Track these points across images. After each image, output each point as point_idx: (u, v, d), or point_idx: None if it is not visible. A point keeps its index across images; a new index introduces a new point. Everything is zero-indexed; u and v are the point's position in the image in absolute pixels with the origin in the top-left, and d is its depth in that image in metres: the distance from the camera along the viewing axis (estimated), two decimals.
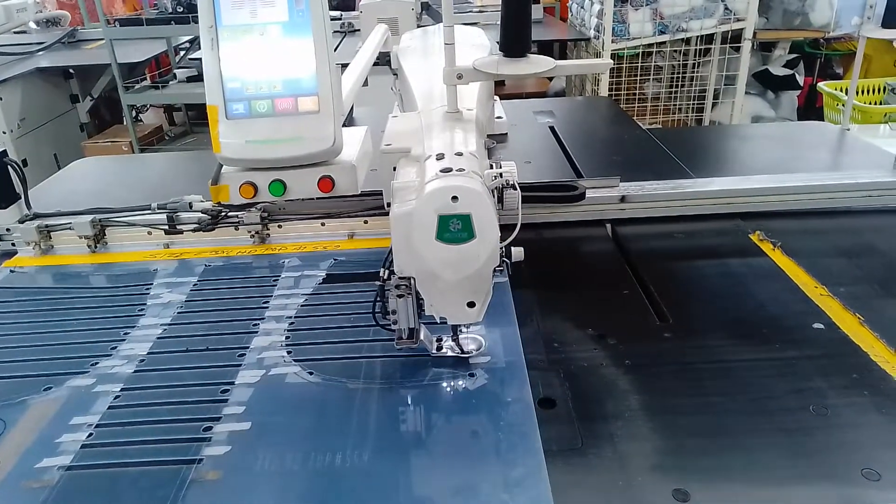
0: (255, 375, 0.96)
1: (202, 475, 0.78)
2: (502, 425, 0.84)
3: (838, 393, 0.89)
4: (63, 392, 0.95)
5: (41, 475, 0.80)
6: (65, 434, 0.86)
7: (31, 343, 1.07)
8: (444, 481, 0.77)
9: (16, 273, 1.30)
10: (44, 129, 3.86)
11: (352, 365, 0.97)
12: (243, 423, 0.86)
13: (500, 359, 0.97)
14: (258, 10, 0.78)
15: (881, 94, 3.76)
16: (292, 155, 0.80)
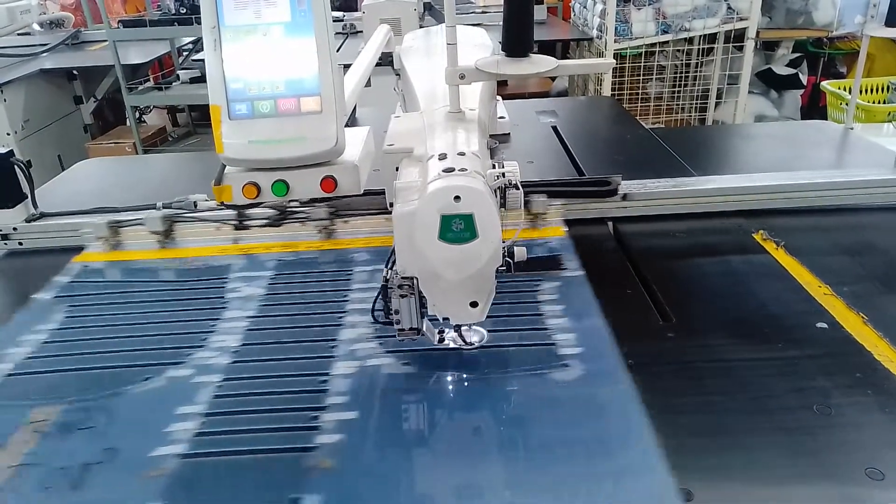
0: (350, 366, 0.97)
1: (320, 463, 0.80)
2: (607, 413, 0.86)
3: (842, 392, 0.89)
4: (162, 382, 0.96)
5: (158, 464, 0.81)
6: (173, 423, 0.87)
7: (122, 335, 1.08)
8: (566, 468, 0.77)
9: (89, 268, 1.32)
10: (47, 130, 3.88)
11: (445, 356, 0.98)
12: (350, 412, 0.88)
13: (590, 349, 0.98)
14: (261, 10, 0.78)
15: (885, 93, 3.75)
16: (295, 155, 0.80)
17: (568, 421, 0.85)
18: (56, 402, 0.93)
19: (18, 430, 0.88)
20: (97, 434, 0.86)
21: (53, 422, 0.89)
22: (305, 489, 0.76)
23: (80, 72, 4.15)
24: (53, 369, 1.01)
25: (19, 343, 1.07)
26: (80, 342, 1.07)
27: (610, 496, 0.74)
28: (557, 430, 0.84)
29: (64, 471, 0.80)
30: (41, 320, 1.14)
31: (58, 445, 0.85)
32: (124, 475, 0.80)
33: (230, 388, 0.94)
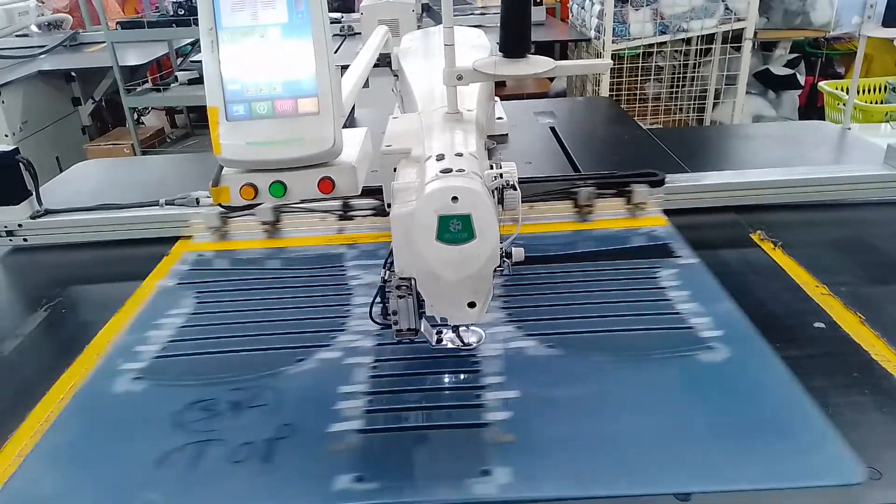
0: (495, 349, 1.00)
1: (498, 437, 0.83)
2: (767, 392, 0.88)
3: (839, 392, 0.89)
4: (315, 364, 0.99)
5: (339, 438, 0.84)
6: (339, 402, 0.91)
7: (257, 319, 1.12)
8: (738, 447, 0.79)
9: (203, 257, 1.35)
10: (46, 132, 3.87)
11: (583, 340, 1.02)
12: (510, 391, 0.91)
13: (730, 331, 1.01)
14: (258, 12, 0.78)
15: (882, 94, 3.76)
16: (292, 156, 0.80)
17: (732, 401, 0.87)
18: (216, 383, 0.96)
19: (190, 408, 0.91)
20: (270, 412, 0.90)
21: (221, 400, 0.92)
22: (493, 462, 0.79)
23: (79, 73, 4.15)
24: (201, 352, 1.04)
25: (158, 326, 1.11)
26: (218, 326, 1.11)
27: (798, 473, 0.76)
28: (724, 410, 0.86)
29: (249, 446, 0.83)
30: (172, 305, 1.17)
31: (232, 423, 0.88)
32: (309, 449, 0.83)
33: (383, 368, 0.98)
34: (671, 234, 1.32)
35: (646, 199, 1.41)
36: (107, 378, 0.99)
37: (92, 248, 1.46)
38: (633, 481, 0.76)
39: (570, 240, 1.34)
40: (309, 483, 0.78)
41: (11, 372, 1.07)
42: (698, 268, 1.20)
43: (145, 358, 1.03)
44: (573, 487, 0.76)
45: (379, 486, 0.77)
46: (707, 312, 1.06)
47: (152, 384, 0.97)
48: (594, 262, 1.24)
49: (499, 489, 0.76)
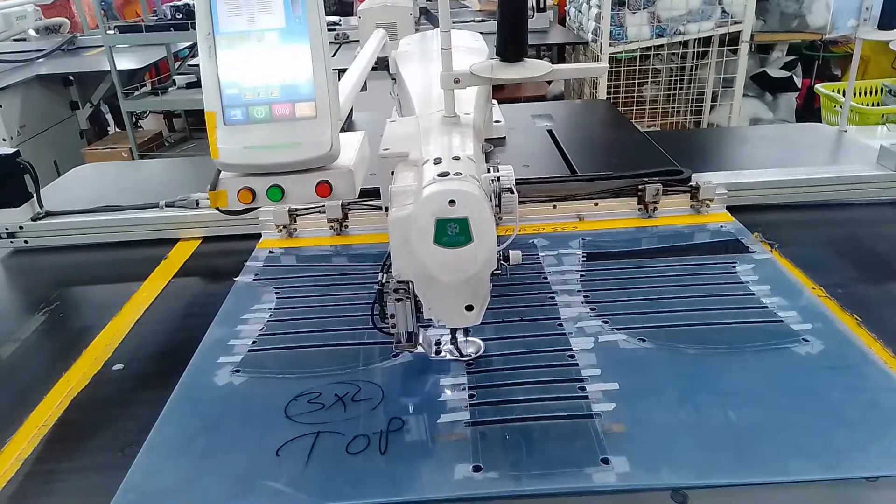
0: (587, 342, 1.02)
1: (610, 428, 0.84)
2: (868, 383, 0.90)
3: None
4: (409, 357, 1.01)
5: (449, 430, 0.86)
6: (444, 394, 0.93)
7: (340, 314, 1.14)
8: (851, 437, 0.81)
9: (275, 253, 1.38)
10: (44, 135, 3.87)
11: (672, 332, 1.03)
12: (610, 383, 0.92)
13: (819, 325, 1.02)
14: (255, 16, 0.78)
15: (878, 96, 3.77)
16: (290, 160, 0.80)
17: (837, 390, 0.89)
18: (316, 376, 0.98)
19: (296, 401, 0.93)
20: (376, 405, 0.92)
21: (326, 393, 0.94)
22: (610, 451, 0.80)
23: (76, 77, 4.15)
24: (294, 346, 1.07)
25: (245, 321, 1.13)
26: (303, 321, 1.13)
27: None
28: (829, 399, 0.87)
29: (363, 438, 0.85)
30: (254, 300, 1.20)
31: (341, 415, 0.90)
32: (422, 441, 0.85)
33: (479, 364, 0.99)
34: (740, 230, 1.35)
35: (712, 195, 1.42)
36: (206, 371, 1.01)
37: (92, 250, 1.47)
38: (754, 469, 0.77)
39: (637, 236, 1.36)
40: (429, 473, 0.80)
41: (12, 372, 1.07)
42: (773, 263, 1.22)
43: (240, 351, 1.05)
44: (693, 476, 0.77)
45: (498, 475, 0.78)
46: (792, 306, 1.08)
47: (252, 377, 0.99)
48: (667, 258, 1.26)
49: (618, 477, 0.77)
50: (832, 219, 1.43)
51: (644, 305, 1.11)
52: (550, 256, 1.29)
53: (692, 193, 1.44)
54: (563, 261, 1.27)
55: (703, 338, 1.02)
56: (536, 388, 0.93)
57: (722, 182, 1.46)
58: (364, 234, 1.43)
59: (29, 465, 0.86)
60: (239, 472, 0.81)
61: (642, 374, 0.95)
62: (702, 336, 1.02)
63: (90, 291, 1.36)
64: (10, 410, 0.97)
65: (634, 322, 1.06)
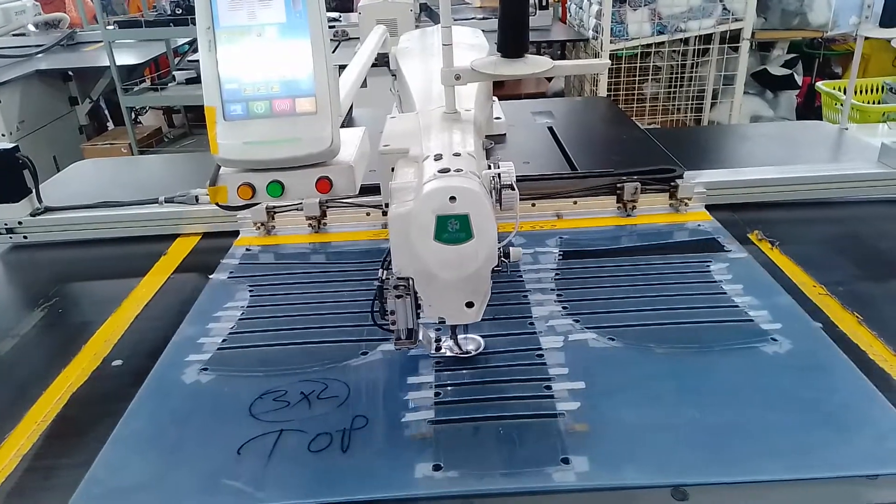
0: (556, 341, 1.02)
1: (572, 427, 0.84)
2: (836, 383, 0.89)
3: None
4: (379, 356, 1.01)
5: (413, 429, 0.86)
6: (410, 392, 0.92)
7: (313, 312, 1.13)
8: (819, 436, 0.81)
9: (252, 251, 1.37)
10: (43, 131, 3.86)
11: (643, 332, 1.03)
12: (576, 382, 0.92)
13: (789, 324, 1.02)
14: (256, 11, 0.78)
15: (879, 94, 3.76)
16: (290, 156, 0.80)
17: (805, 390, 0.89)
18: (283, 374, 0.98)
19: (261, 399, 0.93)
20: (342, 403, 0.91)
21: (292, 392, 0.94)
22: (571, 450, 0.80)
23: (76, 73, 4.14)
24: (264, 344, 1.06)
25: (217, 319, 1.13)
26: (276, 319, 1.13)
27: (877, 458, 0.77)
28: (795, 399, 0.87)
29: (326, 436, 0.85)
30: (228, 298, 1.19)
31: (306, 413, 0.90)
32: (385, 439, 0.84)
33: (448, 361, 0.99)
34: (717, 229, 1.34)
35: (691, 194, 1.42)
36: (175, 369, 1.01)
37: (91, 246, 1.46)
38: (720, 469, 0.77)
39: (616, 234, 1.36)
40: (390, 472, 0.79)
41: (11, 369, 1.07)
42: (749, 262, 1.22)
43: (209, 349, 1.05)
44: (655, 475, 0.77)
45: (458, 474, 0.78)
46: (763, 305, 1.07)
47: (219, 375, 0.99)
48: (643, 257, 1.26)
49: (577, 477, 0.77)
50: (833, 216, 1.43)
51: (616, 304, 1.11)
52: (527, 255, 1.28)
53: (671, 192, 1.43)
54: (539, 259, 1.27)
55: (672, 337, 1.01)
56: (503, 387, 0.93)
57: (722, 179, 1.46)
58: (342, 232, 1.43)
59: (28, 461, 0.86)
60: (201, 469, 0.81)
61: (609, 373, 0.94)
62: (671, 335, 1.02)
63: (89, 287, 1.36)
64: (9, 406, 0.97)
65: (605, 321, 1.06)
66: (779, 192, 1.45)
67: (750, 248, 1.29)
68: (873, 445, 0.79)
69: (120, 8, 5.63)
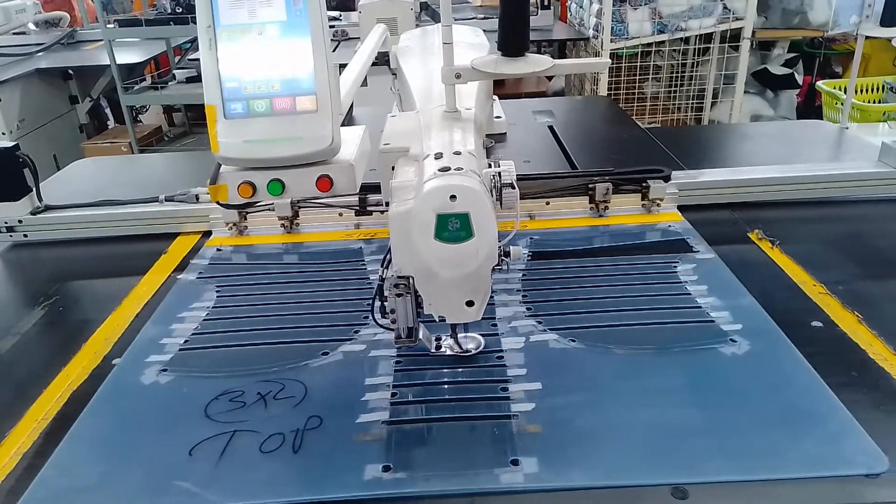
0: (517, 342, 1.02)
1: (525, 428, 0.84)
2: (790, 384, 0.90)
3: (837, 390, 0.89)
4: (340, 356, 1.01)
5: (366, 429, 0.85)
6: (367, 393, 0.92)
7: (279, 312, 1.13)
8: (768, 438, 0.80)
9: (223, 251, 1.37)
10: (43, 129, 3.86)
11: (605, 333, 1.03)
12: (533, 383, 0.92)
13: (749, 325, 1.02)
14: (256, 9, 0.78)
15: (880, 93, 3.76)
16: (290, 154, 0.80)
17: (756, 393, 0.89)
18: (242, 375, 0.97)
19: (217, 400, 0.92)
20: (298, 403, 0.91)
21: (249, 392, 0.93)
22: (521, 452, 0.80)
23: (76, 71, 4.14)
24: (225, 344, 1.06)
25: (181, 319, 1.12)
26: (240, 319, 1.12)
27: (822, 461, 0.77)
28: (748, 401, 0.87)
29: (279, 437, 0.84)
30: (194, 298, 1.19)
31: (261, 414, 0.89)
32: (337, 440, 0.84)
33: (408, 362, 0.98)
34: (687, 230, 1.34)
35: (662, 195, 1.41)
36: (134, 370, 1.00)
37: (91, 244, 1.46)
38: (665, 471, 0.77)
39: (587, 235, 1.36)
40: (339, 473, 0.79)
41: (11, 367, 1.07)
42: (715, 263, 1.22)
43: (170, 350, 1.04)
44: (602, 477, 0.77)
45: (407, 475, 0.78)
46: (726, 306, 1.07)
47: (178, 375, 0.99)
48: (613, 258, 1.25)
49: (526, 478, 0.77)
50: (833, 216, 1.42)
51: (580, 305, 1.10)
52: None
53: (643, 193, 1.42)
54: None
55: (633, 338, 1.01)
56: (460, 389, 0.92)
57: (722, 179, 1.46)
58: (314, 233, 1.42)
59: (28, 459, 0.86)
60: (153, 471, 0.81)
61: (567, 375, 0.94)
62: (633, 336, 1.02)
63: (90, 285, 1.36)
64: (9, 404, 0.97)
65: (568, 322, 1.05)
66: (779, 192, 1.45)
67: (750, 248, 1.29)
68: (820, 447, 0.79)
69: (120, 6, 5.63)
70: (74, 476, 0.81)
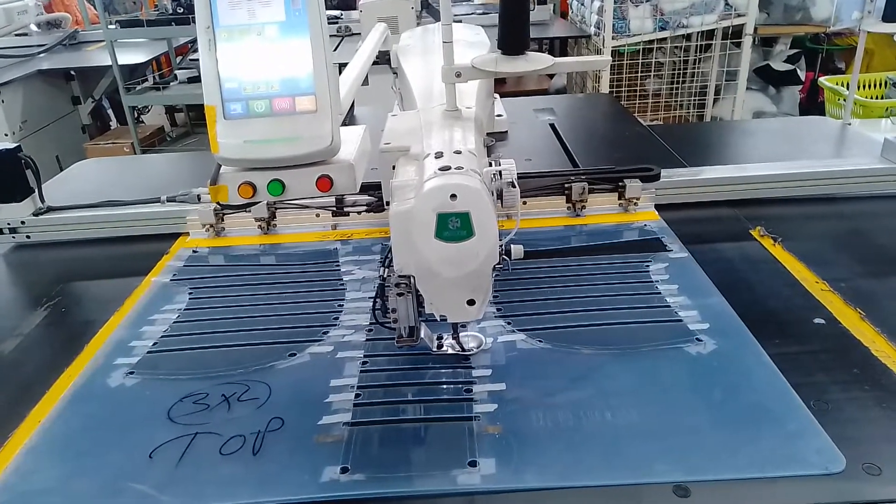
0: (485, 343, 1.01)
1: (485, 429, 0.84)
2: (752, 383, 0.90)
3: (839, 388, 0.89)
4: (307, 358, 1.01)
5: (328, 431, 0.85)
6: (331, 395, 0.92)
7: (250, 314, 1.13)
8: (724, 438, 0.80)
9: (198, 253, 1.37)
10: (45, 131, 3.87)
11: (574, 333, 1.03)
12: (497, 384, 0.92)
13: (717, 325, 1.02)
14: (255, 10, 0.78)
15: (883, 89, 3.75)
16: (290, 154, 0.80)
17: (718, 392, 0.89)
18: (208, 377, 0.97)
19: (181, 402, 0.92)
20: (261, 405, 0.91)
21: (213, 394, 0.93)
22: (480, 453, 0.80)
23: (78, 72, 4.15)
24: (193, 347, 1.05)
25: (152, 322, 1.12)
26: (210, 321, 1.12)
27: (784, 460, 0.77)
28: (710, 401, 0.87)
29: (239, 438, 0.85)
30: (166, 301, 1.19)
31: (223, 416, 0.89)
32: (298, 442, 0.84)
33: (374, 363, 0.99)
34: (662, 229, 1.34)
35: (638, 194, 1.40)
36: (102, 373, 1.00)
37: (94, 245, 1.47)
38: (619, 472, 0.77)
39: (562, 235, 1.35)
40: (296, 475, 0.79)
41: (14, 368, 1.07)
42: (688, 262, 1.21)
43: (139, 353, 1.04)
44: (556, 478, 0.76)
45: (365, 477, 0.78)
46: (695, 306, 1.07)
47: (145, 378, 0.98)
48: (586, 257, 1.25)
49: (482, 479, 0.77)
50: (835, 212, 1.42)
51: (551, 305, 1.10)
52: None
53: (619, 192, 1.41)
54: None
55: (600, 338, 1.01)
56: (424, 390, 0.92)
57: (724, 176, 1.45)
58: (291, 234, 1.42)
59: None
60: (113, 473, 0.80)
61: (532, 375, 0.94)
62: (600, 336, 1.01)
63: (92, 286, 1.36)
64: (11, 406, 0.97)
65: (537, 322, 1.05)
66: (781, 189, 1.45)
67: (752, 245, 1.29)
68: (779, 446, 0.79)
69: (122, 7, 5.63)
70: (35, 480, 0.81)
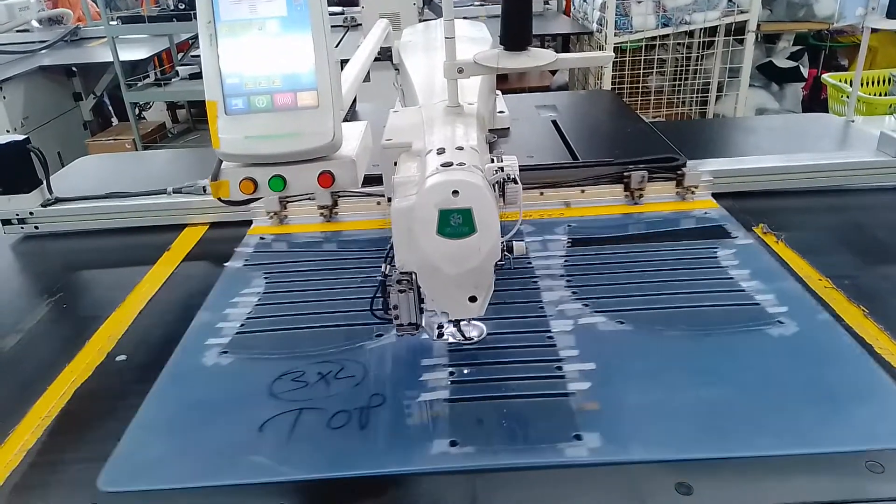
0: (566, 325, 1.03)
1: (583, 406, 0.86)
2: (839, 363, 0.92)
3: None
4: (393, 338, 1.02)
5: (429, 407, 0.88)
6: (425, 373, 0.94)
7: (327, 297, 1.16)
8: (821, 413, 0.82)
9: (266, 240, 1.40)
10: (47, 127, 3.87)
11: (654, 316, 1.04)
12: (587, 363, 0.94)
13: (795, 307, 1.04)
14: (257, 5, 0.78)
15: (886, 86, 3.73)
16: (292, 150, 0.80)
17: (808, 370, 0.91)
18: (300, 357, 1.00)
19: (280, 379, 0.95)
20: (359, 382, 0.93)
21: (310, 372, 0.96)
22: (583, 428, 0.82)
23: (80, 68, 4.14)
24: (281, 328, 1.08)
25: (234, 304, 1.16)
26: (292, 304, 1.15)
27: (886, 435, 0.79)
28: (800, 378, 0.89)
29: (344, 414, 0.87)
30: (244, 285, 1.22)
31: (324, 392, 0.92)
32: (402, 417, 0.86)
33: (460, 346, 1.00)
34: (724, 217, 1.35)
35: (697, 182, 1.42)
36: (195, 353, 1.03)
37: (101, 236, 1.48)
38: (720, 444, 0.79)
39: (622, 223, 1.37)
40: (407, 447, 0.81)
41: (26, 353, 1.08)
42: (755, 248, 1.23)
43: (227, 333, 1.07)
44: (662, 451, 0.78)
45: (474, 450, 0.80)
46: (770, 290, 1.09)
47: (239, 357, 1.01)
48: (650, 244, 1.27)
49: (589, 452, 0.78)
50: (834, 205, 1.42)
51: (624, 289, 1.12)
52: (536, 242, 1.30)
53: (678, 181, 1.43)
54: (548, 247, 1.29)
55: (680, 320, 1.03)
56: (515, 368, 0.94)
57: (724, 168, 1.45)
58: (353, 221, 1.45)
59: (32, 456, 0.86)
60: (224, 446, 0.83)
61: (619, 355, 0.96)
62: (679, 318, 1.03)
63: (99, 276, 1.38)
64: (13, 401, 0.97)
65: (614, 305, 1.07)
66: (779, 181, 1.46)
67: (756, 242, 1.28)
68: (872, 422, 0.81)
69: (124, 3, 5.63)
70: (150, 452, 0.84)
